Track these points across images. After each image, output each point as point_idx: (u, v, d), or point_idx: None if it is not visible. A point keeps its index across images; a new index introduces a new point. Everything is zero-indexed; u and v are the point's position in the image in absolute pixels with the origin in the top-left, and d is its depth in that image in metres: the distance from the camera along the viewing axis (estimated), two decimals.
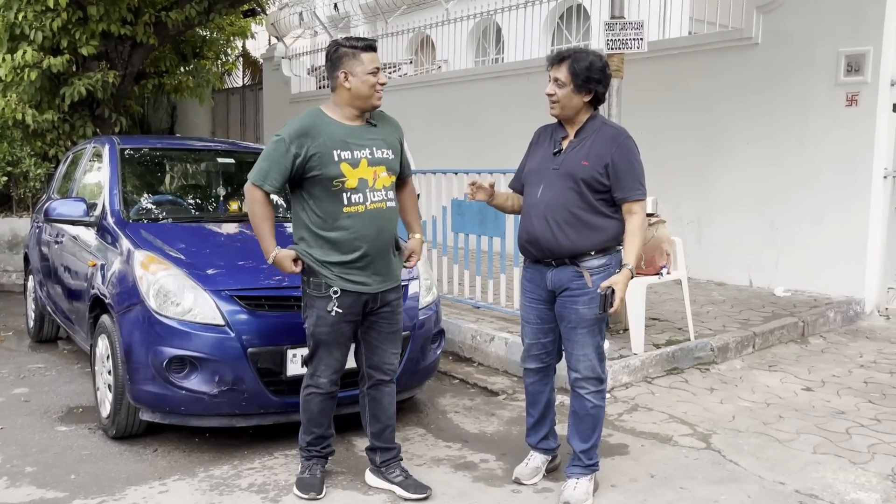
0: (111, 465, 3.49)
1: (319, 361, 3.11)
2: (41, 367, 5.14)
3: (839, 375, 4.91)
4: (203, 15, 9.55)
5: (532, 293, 3.22)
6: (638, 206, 3.04)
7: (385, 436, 3.28)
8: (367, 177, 3.02)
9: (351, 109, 3.05)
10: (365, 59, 2.99)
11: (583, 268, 3.04)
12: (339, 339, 3.08)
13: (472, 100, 9.80)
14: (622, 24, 5.29)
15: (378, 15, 13.07)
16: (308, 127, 2.99)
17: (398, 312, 3.23)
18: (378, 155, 3.07)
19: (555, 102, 3.07)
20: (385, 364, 3.22)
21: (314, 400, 3.16)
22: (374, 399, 3.25)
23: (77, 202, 4.51)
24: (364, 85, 2.99)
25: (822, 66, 6.60)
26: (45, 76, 8.43)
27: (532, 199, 3.12)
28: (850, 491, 3.23)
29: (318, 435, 3.22)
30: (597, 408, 3.13)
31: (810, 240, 6.77)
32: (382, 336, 3.19)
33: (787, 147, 6.88)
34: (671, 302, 6.27)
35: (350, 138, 3.03)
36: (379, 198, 3.05)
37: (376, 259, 3.05)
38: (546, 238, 3.04)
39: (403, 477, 3.23)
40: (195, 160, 5.44)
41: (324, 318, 3.03)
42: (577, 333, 3.07)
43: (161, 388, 3.47)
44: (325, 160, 2.96)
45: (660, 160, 7.63)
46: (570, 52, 3.08)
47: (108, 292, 3.85)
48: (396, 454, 3.30)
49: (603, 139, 3.04)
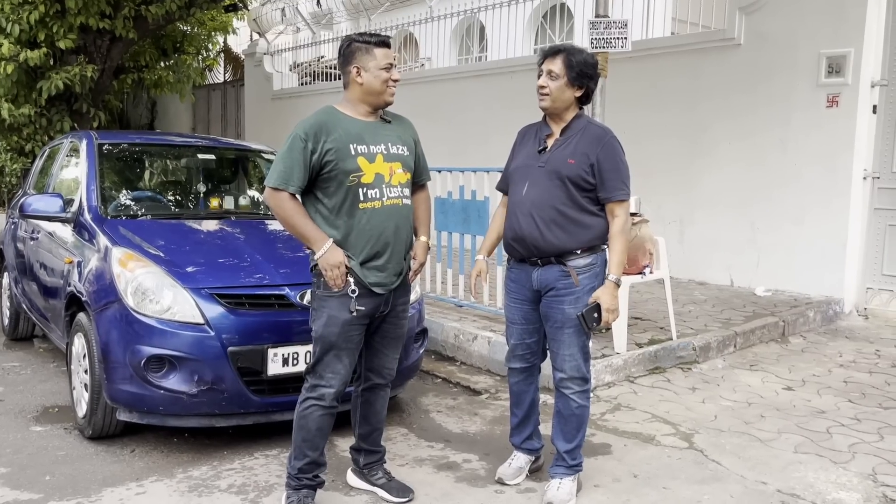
0: (87, 466, 3.42)
1: (326, 368, 2.91)
2: (16, 366, 5.05)
3: (819, 375, 4.94)
4: (184, 9, 9.46)
5: (517, 293, 3.19)
6: (621, 207, 3.02)
7: (372, 438, 3.23)
8: (384, 172, 2.93)
9: (364, 106, 2.98)
10: (378, 54, 2.92)
11: (569, 267, 3.02)
12: (349, 342, 2.91)
13: (455, 98, 9.79)
14: (606, 24, 5.29)
15: (361, 12, 13.00)
16: (323, 122, 2.90)
17: (405, 317, 3.14)
18: (393, 151, 2.99)
19: (546, 95, 3.04)
20: (385, 369, 3.15)
21: (314, 415, 2.92)
22: (368, 401, 3.18)
23: (53, 198, 4.43)
24: (377, 80, 2.92)
25: (803, 68, 6.65)
26: (22, 70, 8.32)
27: (517, 196, 3.10)
28: (832, 490, 3.24)
29: (312, 460, 2.96)
30: (581, 408, 3.11)
31: (791, 240, 6.82)
32: (387, 340, 3.10)
33: (769, 147, 6.92)
34: (653, 301, 6.28)
35: (365, 133, 2.94)
36: (395, 194, 2.95)
37: (393, 257, 2.95)
38: (532, 236, 3.02)
39: (386, 479, 3.19)
40: (175, 156, 5.36)
41: (336, 318, 2.87)
42: (562, 333, 3.06)
43: (139, 387, 3.40)
44: (342, 154, 2.86)
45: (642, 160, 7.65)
46: (565, 46, 3.08)
47: (84, 290, 3.79)
48: (381, 457, 3.26)
49: (588, 138, 3.03)
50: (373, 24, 12.21)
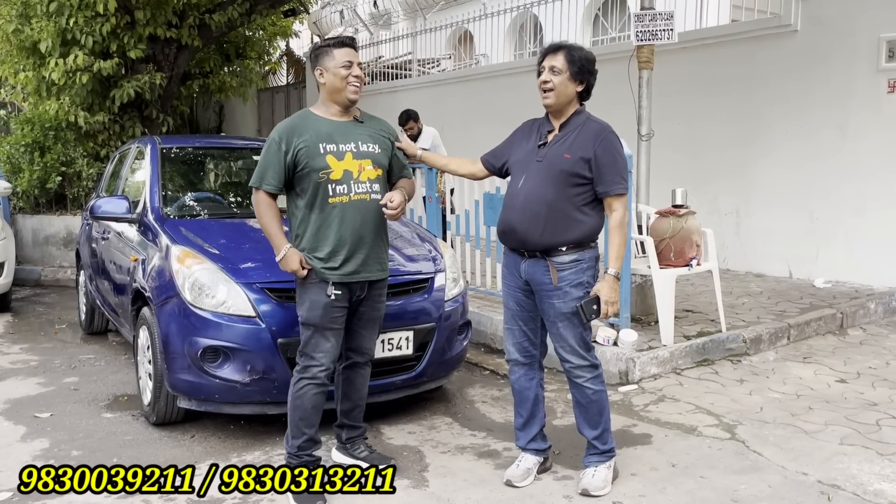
0: (151, 450, 3.67)
1: (315, 347, 3.15)
2: (91, 358, 5.39)
3: (876, 367, 4.83)
4: (245, 16, 9.79)
5: (509, 279, 3.27)
6: (619, 201, 3.06)
7: (353, 414, 3.45)
8: (352, 169, 3.16)
9: (334, 105, 3.22)
10: (337, 54, 3.15)
11: (550, 263, 3.06)
12: (333, 323, 3.16)
13: (509, 94, 9.83)
14: (652, 16, 5.29)
15: (417, 11, 13.17)
16: (295, 124, 3.17)
17: (382, 301, 3.38)
18: (363, 148, 3.21)
19: (549, 91, 3.09)
20: (363, 348, 3.39)
21: (308, 393, 3.14)
22: (349, 379, 3.41)
23: (120, 200, 4.71)
24: (335, 77, 3.14)
25: (862, 53, 6.47)
26: (96, 79, 8.75)
27: (513, 189, 3.17)
28: (874, 482, 3.21)
29: (309, 437, 3.20)
30: (597, 393, 3.16)
31: (851, 230, 6.65)
32: (364, 322, 3.33)
33: (827, 135, 6.76)
34: (706, 293, 6.23)
35: (335, 133, 3.18)
36: (363, 189, 3.17)
37: (360, 248, 3.16)
38: (522, 229, 3.08)
39: (368, 452, 3.41)
40: (232, 158, 5.61)
41: (317, 301, 3.12)
42: (556, 327, 3.12)
43: (196, 376, 3.63)
44: (312, 153, 3.11)
45: (696, 152, 7.58)
46: (565, 43, 3.15)
47: (147, 286, 4.04)
48: (362, 433, 3.49)
49: (587, 133, 3.07)
50: (429, 23, 12.36)
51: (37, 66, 8.91)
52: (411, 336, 3.87)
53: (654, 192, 5.53)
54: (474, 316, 5.18)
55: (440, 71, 12.64)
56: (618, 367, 4.57)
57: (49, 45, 8.47)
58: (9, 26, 8.76)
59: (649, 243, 4.89)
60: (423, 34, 12.33)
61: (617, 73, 5.52)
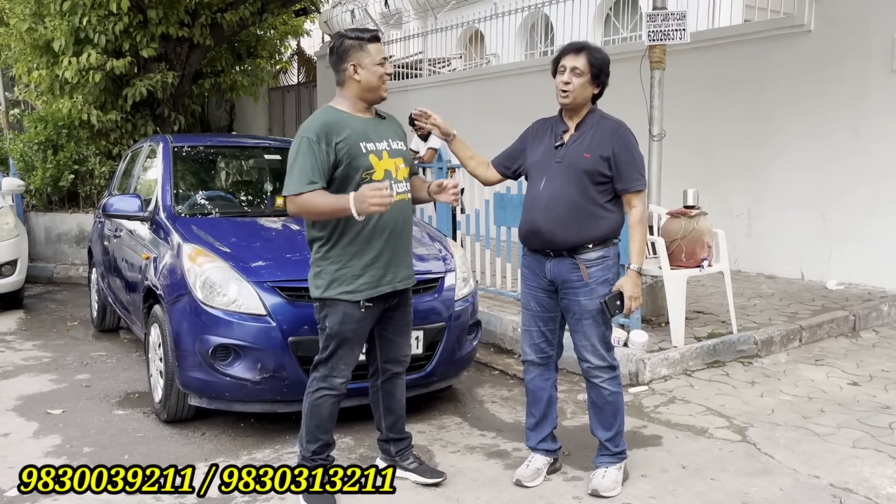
0: (161, 447, 3.69)
1: (339, 360, 3.01)
2: (102, 355, 5.42)
3: (889, 370, 4.80)
4: (256, 15, 9.83)
5: (531, 281, 3.26)
6: (637, 197, 3.08)
7: (398, 426, 3.33)
8: (391, 168, 3.01)
9: (361, 102, 3.02)
10: (372, 49, 2.96)
11: (579, 260, 3.08)
12: (362, 336, 3.06)
13: (520, 93, 9.82)
14: (664, 15, 5.27)
15: (428, 10, 13.17)
16: (329, 122, 2.93)
17: (410, 304, 3.25)
18: (395, 146, 3.07)
19: (569, 92, 3.08)
20: (402, 356, 3.26)
21: (326, 403, 3.05)
22: (388, 392, 3.27)
23: (132, 198, 4.74)
24: (374, 76, 2.96)
25: (876, 53, 6.42)
26: (109, 78, 8.79)
27: (535, 191, 3.16)
28: (887, 485, 3.18)
29: (325, 443, 3.12)
30: (614, 394, 3.16)
31: (865, 231, 6.60)
32: (398, 328, 3.21)
33: (840, 136, 6.71)
34: (718, 295, 6.20)
35: (370, 130, 3.00)
36: (402, 189, 3.06)
37: (398, 252, 3.05)
38: (548, 229, 3.08)
39: (418, 464, 3.32)
40: (244, 157, 5.64)
41: (351, 315, 2.96)
42: (581, 324, 3.12)
43: (207, 374, 3.64)
44: (354, 152, 2.91)
45: (708, 152, 7.55)
46: (586, 44, 3.14)
47: (159, 283, 4.06)
48: (409, 442, 3.37)
49: (603, 131, 3.08)
50: (439, 22, 12.36)
51: (50, 65, 8.97)
52: (421, 336, 3.87)
53: (666, 193, 5.51)
54: (484, 316, 5.18)
55: (451, 70, 12.63)
56: (628, 369, 4.55)
57: (62, 44, 8.52)
58: (22, 25, 8.83)
59: (660, 244, 4.87)
60: (434, 34, 12.32)
61: (629, 73, 5.49)
